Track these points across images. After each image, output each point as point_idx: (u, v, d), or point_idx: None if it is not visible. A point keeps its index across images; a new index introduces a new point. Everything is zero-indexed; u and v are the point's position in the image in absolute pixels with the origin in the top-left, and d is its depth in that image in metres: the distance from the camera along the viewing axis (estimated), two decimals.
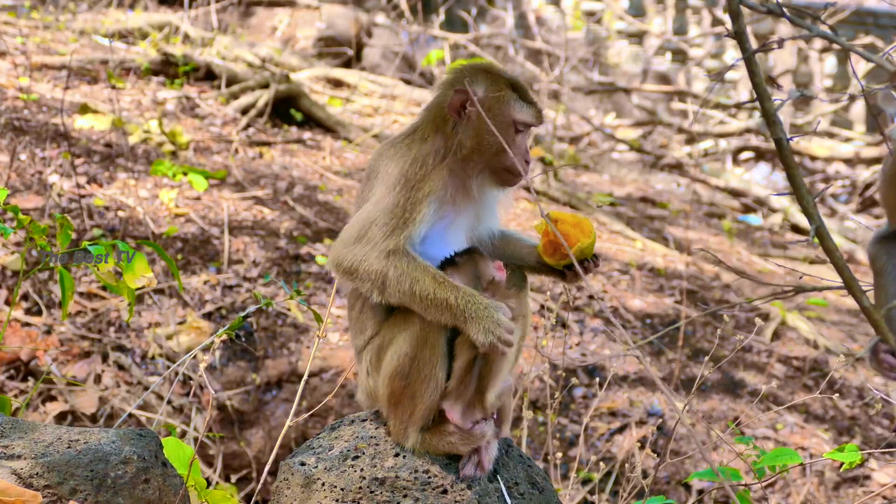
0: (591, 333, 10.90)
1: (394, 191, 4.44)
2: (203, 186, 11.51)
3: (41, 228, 5.03)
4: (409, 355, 4.45)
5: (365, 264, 4.34)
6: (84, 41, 16.13)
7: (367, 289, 4.36)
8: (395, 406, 4.53)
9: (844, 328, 12.83)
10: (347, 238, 4.42)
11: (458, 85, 4.53)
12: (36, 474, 4.24)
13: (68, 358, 8.98)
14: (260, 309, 9.32)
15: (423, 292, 4.32)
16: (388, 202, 4.42)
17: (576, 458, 9.08)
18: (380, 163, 4.59)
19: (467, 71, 4.61)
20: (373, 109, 16.74)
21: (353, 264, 4.36)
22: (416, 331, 4.43)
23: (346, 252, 4.38)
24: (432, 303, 4.32)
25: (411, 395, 4.48)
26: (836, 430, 10.55)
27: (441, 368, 4.49)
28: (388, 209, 4.40)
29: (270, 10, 21.06)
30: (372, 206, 4.46)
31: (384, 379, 4.52)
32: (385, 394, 4.54)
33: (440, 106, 4.59)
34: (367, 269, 4.34)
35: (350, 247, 4.38)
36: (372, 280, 4.33)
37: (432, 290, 4.32)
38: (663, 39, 25.07)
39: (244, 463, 9.17)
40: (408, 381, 4.47)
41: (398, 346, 4.47)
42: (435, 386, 4.49)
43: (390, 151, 4.58)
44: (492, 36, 23.46)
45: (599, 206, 15.02)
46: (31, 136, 11.71)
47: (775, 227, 17.49)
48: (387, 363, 4.50)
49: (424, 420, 4.52)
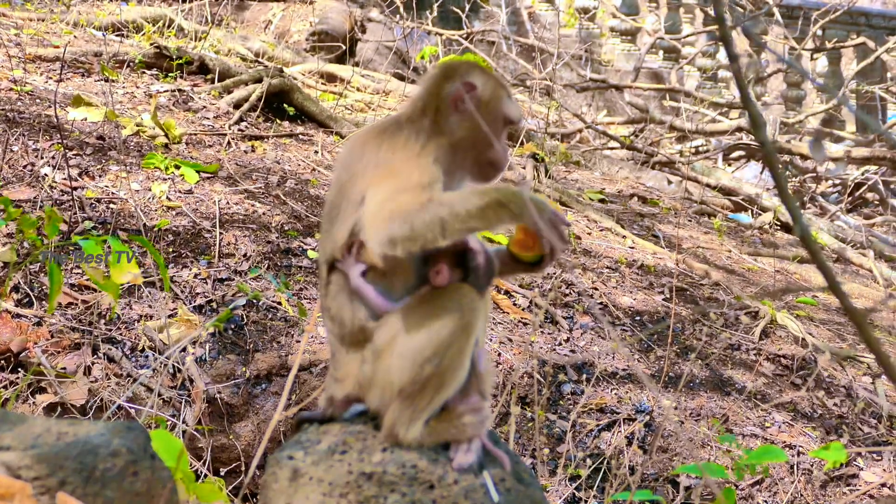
0: (581, 330, 10.93)
1: (404, 165, 4.49)
2: (195, 179, 11.53)
3: (31, 221, 5.04)
4: (445, 343, 4.41)
5: (419, 221, 4.28)
6: (78, 33, 16.15)
7: (429, 240, 4.29)
8: (412, 395, 4.48)
9: (833, 327, 12.88)
10: (382, 217, 4.36)
11: (458, 77, 4.65)
12: (24, 466, 4.26)
13: (58, 349, 8.99)
14: (250, 302, 9.34)
15: (479, 208, 4.32)
16: (403, 176, 4.44)
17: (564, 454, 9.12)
18: (365, 154, 4.60)
19: (462, 65, 4.70)
20: (365, 104, 16.77)
21: (405, 230, 4.29)
22: (457, 318, 4.43)
23: (391, 225, 4.31)
24: (490, 212, 4.32)
25: (438, 385, 4.46)
26: (824, 429, 10.58)
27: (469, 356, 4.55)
28: (405, 178, 4.43)
29: (264, 4, 21.09)
30: (386, 185, 4.45)
31: (406, 366, 4.46)
32: (401, 382, 4.48)
33: (435, 96, 4.67)
34: (422, 224, 4.28)
35: (391, 221, 4.32)
36: (431, 229, 4.27)
37: (484, 203, 4.32)
38: (656, 37, 25.11)
39: (233, 456, 9.18)
40: (440, 369, 4.44)
41: (431, 332, 4.43)
42: (463, 375, 4.52)
43: (378, 140, 4.62)
44: (485, 32, 23.50)
45: (590, 202, 15.04)
46: (23, 127, 11.72)
47: (766, 226, 17.54)
48: (413, 350, 4.45)
49: (436, 410, 4.54)
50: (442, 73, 4.73)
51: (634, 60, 24.88)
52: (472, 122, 4.62)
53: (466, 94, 4.62)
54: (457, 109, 4.63)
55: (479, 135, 4.63)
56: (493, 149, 4.65)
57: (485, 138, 4.62)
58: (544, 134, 17.53)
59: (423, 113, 4.66)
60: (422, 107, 4.68)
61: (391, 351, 4.51)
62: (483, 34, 23.25)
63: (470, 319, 4.46)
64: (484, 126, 4.57)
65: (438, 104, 4.65)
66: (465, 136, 4.63)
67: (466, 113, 4.62)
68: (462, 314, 4.45)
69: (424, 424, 4.53)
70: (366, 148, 4.61)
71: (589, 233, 13.78)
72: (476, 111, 4.60)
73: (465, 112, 4.62)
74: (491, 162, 4.67)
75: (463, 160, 4.64)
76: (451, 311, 4.44)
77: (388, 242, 4.34)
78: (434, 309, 4.47)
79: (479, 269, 4.59)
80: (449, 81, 4.66)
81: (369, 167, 4.55)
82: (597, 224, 14.21)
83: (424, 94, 4.72)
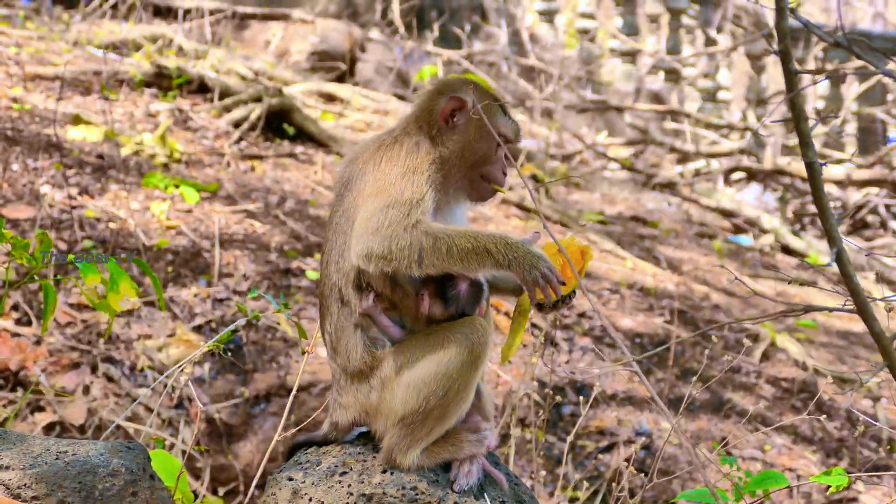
0: (581, 351, 10.91)
1: (397, 180, 4.47)
2: (195, 199, 11.52)
3: (23, 243, 5.03)
4: (452, 376, 4.42)
5: (397, 243, 4.30)
6: (78, 52, 16.14)
7: (404, 265, 4.31)
8: (412, 424, 4.48)
9: (833, 350, 12.85)
10: (366, 229, 4.38)
11: (450, 92, 4.62)
12: (24, 485, 4.24)
13: (57, 369, 8.97)
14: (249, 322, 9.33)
15: (462, 250, 4.31)
16: (395, 190, 4.43)
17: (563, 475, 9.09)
18: (363, 167, 4.60)
19: (456, 82, 4.68)
20: (365, 124, 16.76)
21: (383, 247, 4.31)
22: (466, 353, 4.42)
23: (372, 239, 4.34)
24: (472, 258, 4.31)
25: (440, 416, 4.47)
26: (825, 452, 10.56)
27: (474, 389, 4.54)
28: (397, 194, 4.42)
29: (264, 23, 21.08)
30: (378, 198, 4.45)
31: (411, 396, 4.46)
32: (405, 410, 4.48)
33: (427, 111, 4.66)
34: (399, 247, 4.30)
35: (373, 234, 4.34)
36: (407, 255, 4.29)
37: (469, 246, 4.31)
38: (656, 58, 25.12)
39: (232, 476, 9.16)
40: (444, 401, 4.44)
41: (440, 365, 4.43)
42: (466, 407, 4.53)
43: (375, 155, 4.61)
44: (485, 52, 23.50)
45: (583, 225, 15.01)
46: (23, 146, 11.72)
47: (766, 248, 17.52)
48: (420, 381, 4.45)
49: (437, 438, 4.53)
50: (434, 89, 4.72)
51: (635, 81, 24.90)
52: (463, 137, 4.60)
53: (455, 109, 4.60)
54: (447, 125, 4.61)
55: (471, 150, 4.61)
56: (487, 166, 4.63)
57: (477, 154, 4.61)
58: (545, 155, 17.52)
59: (418, 128, 4.65)
60: (415, 121, 4.68)
61: (398, 380, 4.50)
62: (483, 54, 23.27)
63: (479, 354, 4.45)
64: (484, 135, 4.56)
65: (430, 119, 4.65)
66: (457, 150, 4.60)
67: (458, 128, 4.61)
68: (472, 349, 4.44)
69: (422, 451, 4.52)
70: (366, 166, 4.59)
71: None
72: (468, 125, 4.59)
73: (457, 127, 4.61)
74: (485, 177, 4.65)
75: (457, 175, 4.62)
76: (461, 344, 4.43)
77: (364, 256, 4.36)
78: (444, 341, 4.46)
79: (460, 299, 4.56)
80: (441, 96, 4.64)
81: (368, 183, 4.54)
82: (597, 245, 14.19)
83: (418, 108, 4.71)
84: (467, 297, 4.56)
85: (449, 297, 4.53)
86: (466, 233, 4.35)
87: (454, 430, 4.55)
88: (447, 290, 4.52)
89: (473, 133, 4.60)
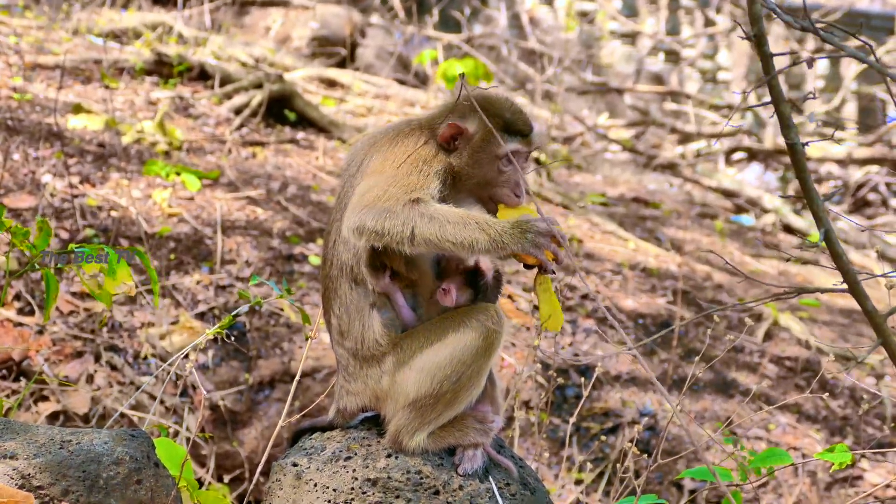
0: (584, 334, 10.91)
1: (406, 165, 4.47)
2: (196, 186, 11.51)
3: (23, 231, 5.02)
4: (466, 362, 4.44)
5: (391, 218, 4.29)
6: (78, 41, 16.12)
7: (395, 241, 4.29)
8: (423, 407, 4.50)
9: (836, 328, 12.85)
10: (364, 202, 4.37)
11: (451, 118, 4.57)
12: (28, 475, 4.25)
13: (60, 358, 8.98)
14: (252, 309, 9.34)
15: (455, 227, 4.29)
16: (401, 172, 4.44)
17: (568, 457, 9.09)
18: (373, 151, 4.60)
19: (465, 107, 4.59)
20: (366, 109, 16.74)
21: (377, 221, 4.29)
22: (481, 340, 4.44)
23: (366, 213, 4.32)
24: (465, 236, 4.30)
25: (451, 401, 4.50)
26: (829, 431, 10.57)
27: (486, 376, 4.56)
28: (402, 176, 4.42)
29: (264, 9, 21.05)
30: (381, 176, 4.45)
31: (424, 380, 4.47)
32: (417, 394, 4.49)
33: (436, 126, 4.62)
34: (393, 222, 4.28)
35: (368, 208, 4.33)
36: (400, 231, 4.28)
37: (461, 223, 4.30)
38: (656, 40, 25.08)
39: (237, 463, 9.17)
40: (457, 385, 4.46)
41: (455, 351, 4.44)
42: (477, 393, 4.55)
43: (391, 140, 4.61)
44: (485, 36, 23.46)
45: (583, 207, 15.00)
46: (24, 135, 11.71)
47: (767, 228, 17.51)
48: (434, 366, 4.46)
49: (446, 422, 4.55)
50: (445, 108, 4.69)
51: (635, 63, 24.86)
52: (467, 158, 4.55)
53: (455, 134, 4.55)
54: (448, 147, 4.58)
55: (474, 174, 4.57)
56: (494, 188, 4.58)
57: (480, 178, 4.58)
58: (546, 138, 17.50)
59: (432, 134, 4.62)
60: (429, 127, 4.64)
61: (412, 364, 4.51)
62: (483, 38, 23.22)
63: (493, 340, 4.47)
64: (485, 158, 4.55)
65: (436, 136, 4.60)
66: (463, 168, 4.57)
67: (460, 150, 4.57)
68: (487, 336, 4.45)
69: (428, 435, 4.53)
70: (380, 149, 4.58)
71: (591, 236, 13.76)
72: (469, 149, 4.55)
73: (458, 150, 4.57)
74: (493, 199, 4.60)
75: (465, 187, 4.59)
76: (476, 330, 4.44)
77: (355, 229, 4.35)
78: (459, 327, 4.47)
79: (488, 289, 4.59)
80: (449, 116, 4.59)
81: (376, 163, 4.54)
82: (599, 227, 14.19)
83: (432, 118, 4.68)
84: (493, 286, 4.61)
85: (479, 287, 4.55)
86: (462, 216, 4.34)
87: (461, 415, 4.56)
88: (477, 280, 4.54)
89: (474, 159, 4.56)
